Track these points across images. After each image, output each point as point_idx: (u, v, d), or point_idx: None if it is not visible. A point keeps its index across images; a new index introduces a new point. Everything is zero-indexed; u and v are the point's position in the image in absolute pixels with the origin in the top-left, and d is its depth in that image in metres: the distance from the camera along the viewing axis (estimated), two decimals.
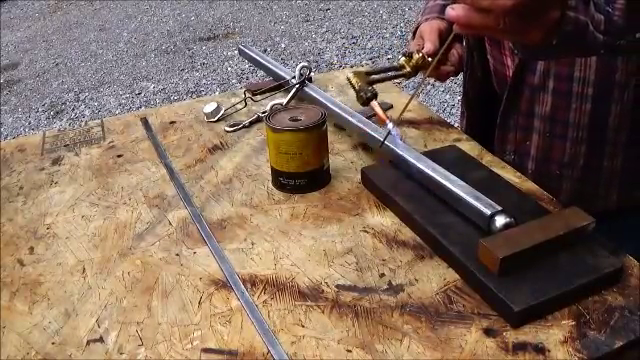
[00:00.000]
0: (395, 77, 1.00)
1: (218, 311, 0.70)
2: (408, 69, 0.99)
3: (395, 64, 1.01)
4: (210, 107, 1.18)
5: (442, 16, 1.06)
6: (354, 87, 0.90)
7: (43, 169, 1.07)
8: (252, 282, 0.75)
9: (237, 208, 0.90)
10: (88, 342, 0.68)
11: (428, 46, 1.00)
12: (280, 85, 1.24)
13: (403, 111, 0.90)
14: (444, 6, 1.09)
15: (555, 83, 0.91)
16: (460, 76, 1.13)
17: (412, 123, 1.11)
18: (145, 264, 0.80)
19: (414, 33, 1.10)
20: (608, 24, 0.68)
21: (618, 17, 0.67)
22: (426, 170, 0.84)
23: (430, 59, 0.98)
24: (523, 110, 0.96)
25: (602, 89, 0.88)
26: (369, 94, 0.88)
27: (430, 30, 1.03)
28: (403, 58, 0.99)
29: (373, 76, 0.94)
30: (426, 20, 1.08)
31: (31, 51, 5.12)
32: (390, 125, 0.87)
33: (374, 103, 0.88)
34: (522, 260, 0.68)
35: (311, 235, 0.82)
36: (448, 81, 1.22)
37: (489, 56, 1.02)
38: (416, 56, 0.99)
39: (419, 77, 1.03)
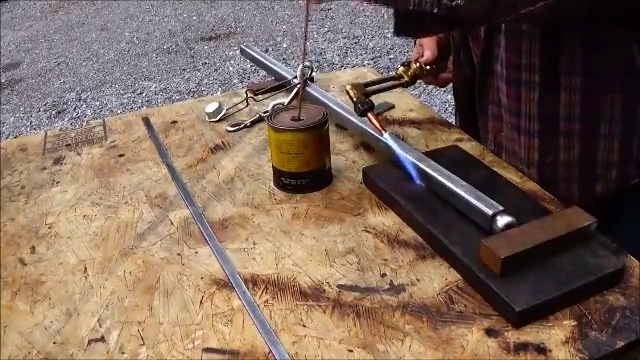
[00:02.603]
0: (393, 87, 1.03)
1: (220, 311, 0.71)
2: (406, 78, 1.03)
3: (393, 74, 1.05)
4: (212, 107, 1.18)
5: None
6: (352, 99, 0.93)
7: (45, 168, 1.07)
8: (253, 282, 0.75)
9: (239, 208, 0.90)
10: (89, 342, 0.68)
11: (427, 54, 1.04)
12: (282, 85, 1.24)
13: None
14: None
15: (507, 71, 0.89)
16: None
17: (414, 123, 1.11)
18: (147, 264, 0.80)
19: (415, 41, 1.12)
20: None
21: None
22: (428, 170, 0.84)
23: (428, 67, 1.04)
24: (495, 99, 0.95)
25: (548, 76, 0.85)
26: (365, 106, 0.91)
27: (429, 38, 1.06)
28: (401, 68, 1.04)
29: (370, 87, 0.97)
30: None
31: (33, 50, 5.12)
32: (386, 135, 0.89)
33: (370, 115, 0.91)
34: (524, 260, 0.67)
35: (313, 235, 0.82)
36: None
37: (473, 54, 1.02)
38: (414, 66, 1.04)
39: (419, 83, 1.07)
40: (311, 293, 0.72)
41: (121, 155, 1.09)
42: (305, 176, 0.91)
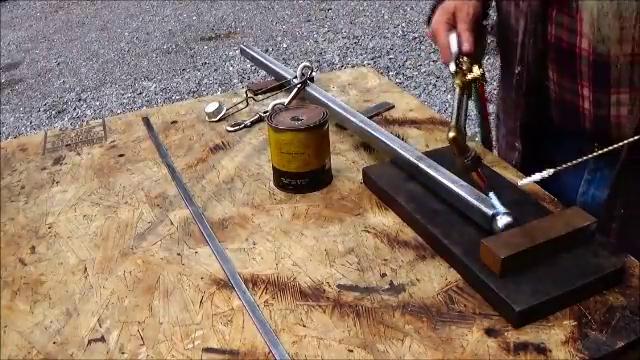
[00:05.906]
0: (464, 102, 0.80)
1: (219, 311, 0.71)
2: (464, 87, 0.79)
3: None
4: (212, 107, 1.18)
5: None
6: (454, 153, 0.74)
7: (45, 168, 1.07)
8: (253, 282, 0.75)
9: (238, 208, 0.90)
10: (89, 342, 0.68)
11: (466, 45, 0.80)
12: (282, 85, 1.24)
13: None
14: None
15: None
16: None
17: (414, 123, 1.11)
18: (146, 264, 0.80)
19: (434, 7, 0.87)
20: None
21: None
22: (428, 170, 0.84)
23: (465, 58, 0.79)
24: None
25: None
26: (475, 162, 0.74)
27: (467, 12, 0.81)
28: (457, 81, 0.79)
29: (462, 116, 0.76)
30: None
31: (33, 50, 5.12)
32: (492, 195, 0.74)
33: (475, 174, 0.74)
34: (524, 260, 0.67)
35: (313, 235, 0.82)
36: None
37: (551, 82, 0.85)
38: (471, 72, 0.79)
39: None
40: (311, 293, 0.72)
41: (121, 155, 1.09)
42: (305, 176, 0.91)
